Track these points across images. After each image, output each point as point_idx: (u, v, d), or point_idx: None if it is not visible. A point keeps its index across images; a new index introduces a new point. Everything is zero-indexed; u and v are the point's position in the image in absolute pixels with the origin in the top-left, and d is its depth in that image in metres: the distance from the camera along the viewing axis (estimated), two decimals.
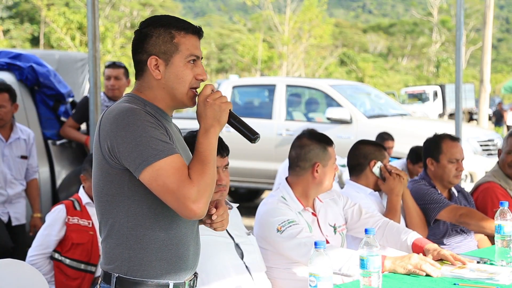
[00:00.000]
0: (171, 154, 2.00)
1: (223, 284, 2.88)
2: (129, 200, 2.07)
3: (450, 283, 2.71)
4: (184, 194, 1.96)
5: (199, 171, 2.01)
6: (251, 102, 10.98)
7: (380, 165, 3.79)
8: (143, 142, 1.98)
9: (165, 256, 2.10)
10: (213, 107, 2.08)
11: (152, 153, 1.98)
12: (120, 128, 2.01)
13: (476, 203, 4.31)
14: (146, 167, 1.98)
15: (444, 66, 49.38)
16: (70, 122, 5.99)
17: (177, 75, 2.13)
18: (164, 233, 2.09)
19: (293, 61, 36.88)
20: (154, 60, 2.12)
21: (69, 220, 4.15)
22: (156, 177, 1.97)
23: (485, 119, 17.80)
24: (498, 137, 9.65)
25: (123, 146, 2.00)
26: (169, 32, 2.13)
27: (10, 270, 3.02)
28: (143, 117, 2.02)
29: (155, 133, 2.01)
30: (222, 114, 2.09)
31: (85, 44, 31.16)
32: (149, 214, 2.07)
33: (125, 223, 2.08)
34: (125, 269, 2.09)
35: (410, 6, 68.71)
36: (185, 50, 2.13)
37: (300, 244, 3.05)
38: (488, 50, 17.72)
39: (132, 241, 2.08)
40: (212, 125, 2.08)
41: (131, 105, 2.07)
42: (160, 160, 1.97)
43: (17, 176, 5.09)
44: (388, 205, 3.76)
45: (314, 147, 3.31)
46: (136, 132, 1.99)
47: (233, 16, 51.00)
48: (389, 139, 6.90)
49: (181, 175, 1.98)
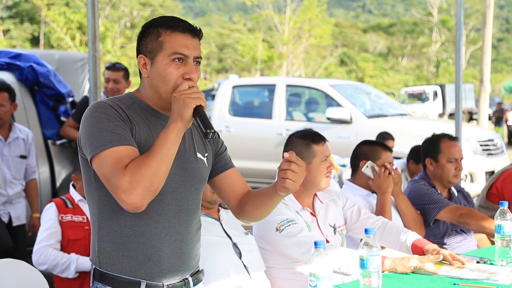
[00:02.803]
0: (118, 145, 1.99)
1: (221, 283, 2.88)
2: (98, 192, 2.10)
3: (450, 283, 2.71)
4: (115, 183, 1.95)
5: (139, 162, 1.96)
6: (251, 102, 10.98)
7: (370, 165, 3.79)
8: (94, 133, 2.02)
9: (132, 254, 2.09)
10: (178, 101, 2.03)
11: (99, 143, 2.00)
12: (83, 121, 2.08)
13: (500, 188, 4.31)
14: (93, 156, 2.01)
15: (444, 66, 49.37)
16: (70, 122, 5.98)
17: (159, 73, 2.11)
18: (129, 229, 2.08)
19: (293, 61, 36.89)
20: (142, 59, 2.14)
21: (63, 218, 4.11)
22: (99, 166, 2.00)
23: (485, 119, 17.79)
24: (498, 137, 9.64)
25: (82, 138, 2.07)
26: (157, 30, 2.13)
27: (10, 270, 3.01)
28: (103, 110, 2.05)
29: (107, 125, 2.02)
30: (185, 108, 2.01)
31: (85, 44, 31.16)
32: (115, 208, 2.06)
33: (97, 214, 2.12)
34: (98, 261, 2.13)
35: (410, 6, 68.72)
36: (169, 48, 2.10)
37: (300, 242, 3.05)
38: (488, 50, 17.72)
39: (102, 233, 2.11)
40: (174, 119, 2.03)
41: (103, 101, 2.11)
42: (105, 150, 1.99)
43: (16, 176, 5.09)
44: (377, 204, 3.76)
45: (297, 145, 3.30)
46: (90, 124, 2.04)
47: (233, 16, 51.01)
48: (389, 139, 6.90)
49: (117, 165, 1.96)
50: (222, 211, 3.14)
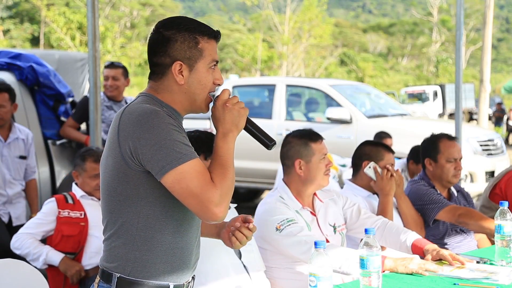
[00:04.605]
0: (194, 158, 2.01)
1: (221, 283, 2.89)
2: (143, 202, 2.07)
3: (450, 283, 2.71)
4: (208, 198, 1.97)
5: (221, 175, 2.02)
6: (251, 102, 10.97)
7: (373, 166, 3.78)
8: (167, 145, 1.98)
9: (170, 259, 2.11)
10: (232, 112, 2.10)
11: (176, 157, 1.98)
12: (144, 130, 2.00)
13: (504, 188, 4.31)
14: (170, 170, 1.98)
15: (444, 66, 49.38)
16: (70, 122, 5.99)
17: (200, 80, 2.13)
18: (171, 237, 2.10)
19: (293, 61, 36.89)
20: (178, 65, 2.11)
21: (60, 214, 4.10)
22: (179, 180, 1.98)
23: (485, 119, 17.80)
24: (498, 137, 9.64)
25: (147, 149, 2.00)
26: (194, 37, 2.12)
27: (10, 270, 3.02)
28: (167, 120, 2.02)
29: (178, 137, 2.01)
30: (241, 119, 2.12)
31: (85, 44, 31.18)
32: (160, 217, 2.08)
33: (135, 223, 2.08)
34: (128, 269, 2.09)
35: (410, 6, 68.68)
36: (208, 56, 2.13)
37: (300, 241, 3.05)
38: (488, 50, 17.73)
39: (140, 242, 2.08)
40: (230, 129, 2.10)
41: (153, 107, 2.06)
42: (183, 164, 1.98)
43: (16, 176, 5.09)
44: (379, 206, 3.75)
45: (295, 144, 3.32)
46: (160, 135, 1.99)
47: (233, 16, 50.98)
48: (387, 137, 6.89)
49: (205, 179, 1.99)
50: None
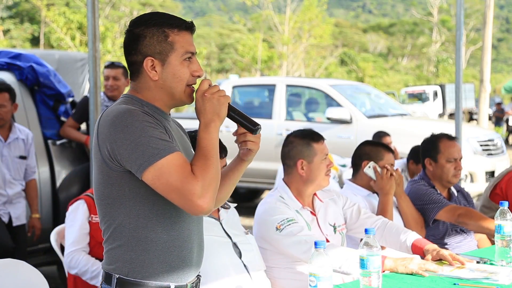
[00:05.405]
0: (172, 152, 1.98)
1: (221, 283, 2.89)
2: (130, 202, 2.06)
3: (450, 283, 2.71)
4: (189, 190, 1.95)
5: (202, 166, 1.99)
6: (251, 102, 10.98)
7: (373, 165, 3.78)
8: (142, 142, 1.97)
9: (167, 259, 2.09)
10: (211, 101, 2.07)
11: (153, 153, 1.96)
12: (118, 131, 2.00)
13: (505, 189, 4.31)
14: (148, 167, 1.96)
15: (444, 66, 49.36)
16: (70, 122, 5.98)
17: (174, 74, 2.11)
18: (166, 235, 2.08)
19: (293, 61, 36.87)
20: (150, 61, 2.10)
21: (92, 219, 3.93)
22: (159, 176, 1.96)
23: (485, 119, 17.80)
24: (498, 137, 9.64)
25: (123, 148, 1.99)
26: (163, 31, 2.11)
27: (10, 270, 3.02)
28: (141, 117, 2.01)
29: (154, 132, 1.99)
30: (221, 107, 2.08)
31: (85, 44, 31.14)
32: (151, 216, 2.06)
33: (127, 224, 2.07)
34: (126, 270, 2.08)
35: (410, 6, 68.67)
36: (180, 48, 2.11)
37: (300, 241, 3.05)
38: (488, 50, 17.72)
39: (134, 243, 2.07)
40: (212, 119, 2.07)
41: (128, 106, 2.06)
42: (161, 159, 1.96)
43: (16, 177, 5.08)
44: (379, 205, 3.75)
45: (297, 144, 3.31)
46: (135, 133, 1.98)
47: (233, 16, 50.91)
48: (386, 136, 6.89)
49: (184, 172, 1.96)
50: (222, 210, 3.14)
